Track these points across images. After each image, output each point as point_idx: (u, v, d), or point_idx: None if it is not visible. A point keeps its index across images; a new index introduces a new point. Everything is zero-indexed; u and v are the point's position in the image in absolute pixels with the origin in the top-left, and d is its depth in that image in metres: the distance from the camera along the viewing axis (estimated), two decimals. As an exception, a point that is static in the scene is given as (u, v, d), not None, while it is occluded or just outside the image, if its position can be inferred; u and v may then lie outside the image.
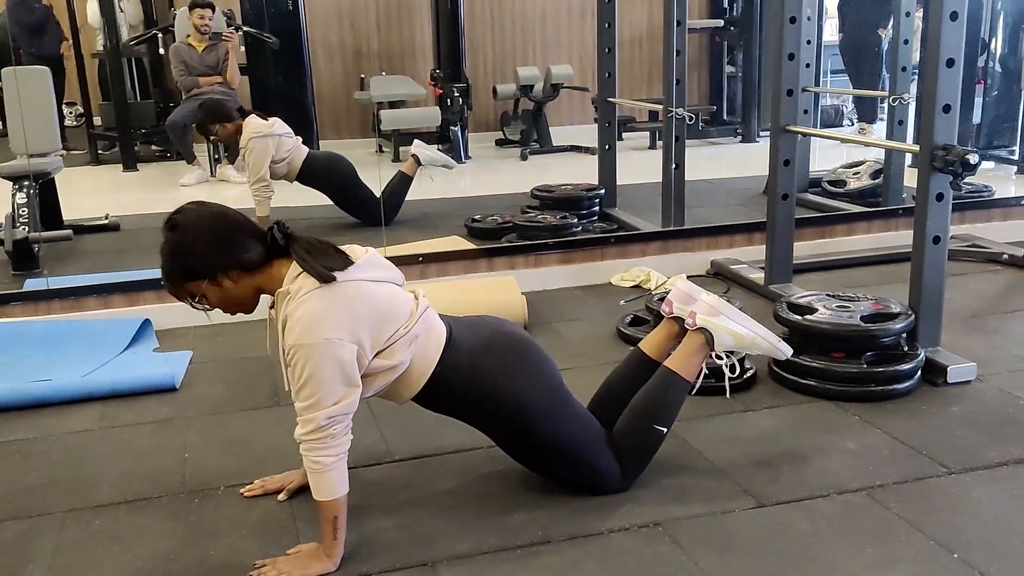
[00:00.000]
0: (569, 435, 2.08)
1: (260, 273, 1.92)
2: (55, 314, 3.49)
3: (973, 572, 1.81)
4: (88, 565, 1.95)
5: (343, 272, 1.88)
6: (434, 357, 1.99)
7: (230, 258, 1.89)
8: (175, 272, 1.92)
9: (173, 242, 1.91)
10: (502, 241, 4.22)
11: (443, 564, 1.90)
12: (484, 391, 2.03)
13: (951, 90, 2.69)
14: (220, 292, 1.92)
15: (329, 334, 1.82)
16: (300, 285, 1.86)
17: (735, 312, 2.23)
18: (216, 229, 1.91)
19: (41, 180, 4.21)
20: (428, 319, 2.01)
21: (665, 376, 2.18)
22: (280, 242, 1.93)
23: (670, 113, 4.12)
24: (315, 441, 1.84)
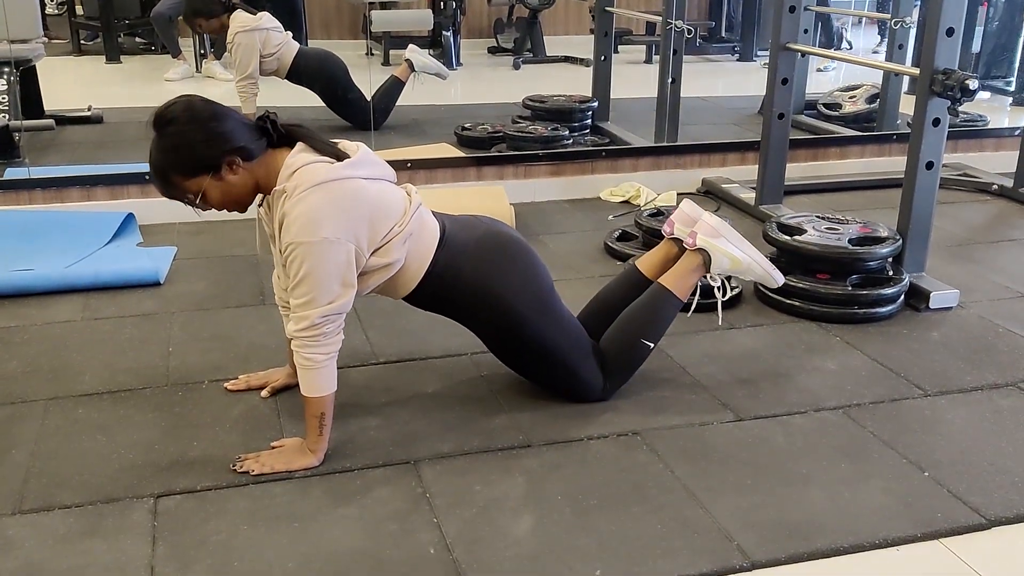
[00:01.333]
0: (556, 340, 2.09)
1: (258, 164, 1.88)
2: (37, 204, 3.44)
3: (941, 490, 1.86)
4: (71, 452, 1.96)
5: (340, 166, 1.86)
6: (428, 254, 1.99)
7: (233, 145, 1.83)
8: (177, 168, 1.83)
9: (172, 135, 1.82)
10: (492, 151, 4.17)
11: (425, 463, 1.93)
12: (475, 290, 2.03)
13: (955, 13, 2.64)
14: (222, 186, 1.86)
15: (327, 232, 1.80)
16: (297, 183, 1.83)
17: (735, 235, 2.23)
18: (214, 117, 1.84)
19: (22, 67, 4.10)
20: (421, 216, 1.99)
21: (658, 292, 2.18)
22: (279, 130, 1.89)
23: (669, 25, 4.04)
24: (308, 338, 1.84)
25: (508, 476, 1.89)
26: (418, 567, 1.62)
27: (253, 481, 1.86)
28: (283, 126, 1.91)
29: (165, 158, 1.84)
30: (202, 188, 1.85)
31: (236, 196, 1.90)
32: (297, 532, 1.71)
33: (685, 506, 1.79)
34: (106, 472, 1.89)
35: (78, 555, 1.64)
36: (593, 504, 1.79)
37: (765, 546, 1.68)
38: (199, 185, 1.85)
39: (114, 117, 4.68)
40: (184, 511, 1.76)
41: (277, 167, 1.87)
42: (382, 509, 1.77)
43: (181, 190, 1.87)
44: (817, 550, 1.67)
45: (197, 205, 1.89)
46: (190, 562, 1.62)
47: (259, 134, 1.88)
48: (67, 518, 1.74)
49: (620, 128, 4.50)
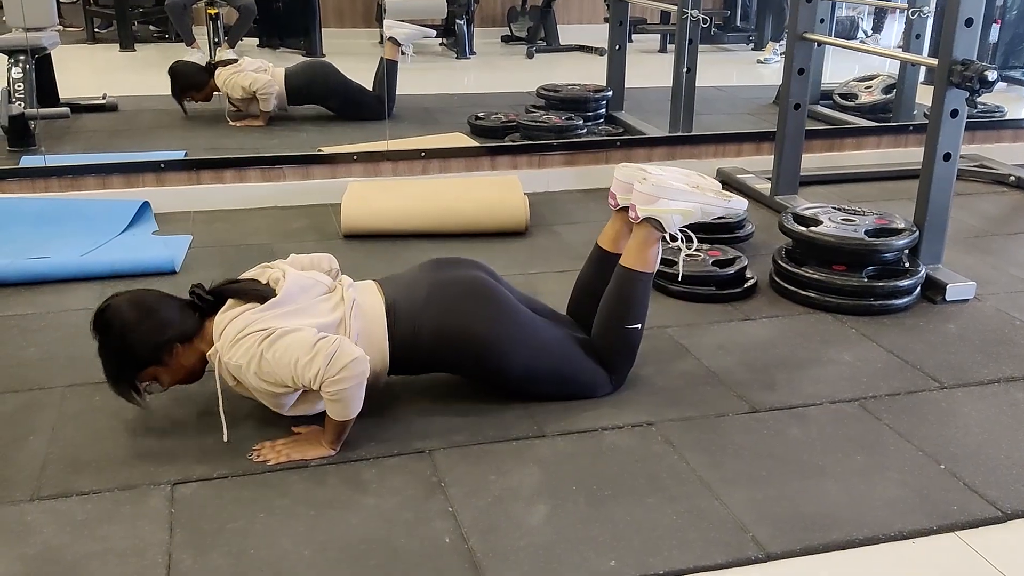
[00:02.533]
0: (543, 358, 2.09)
1: (198, 338, 1.94)
2: (53, 192, 3.46)
3: (958, 483, 1.85)
4: (88, 438, 1.98)
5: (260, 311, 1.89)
6: (383, 339, 2.00)
7: (167, 336, 1.90)
8: (124, 368, 1.92)
9: (111, 341, 1.90)
10: (505, 140, 4.16)
11: (439, 452, 1.94)
12: (445, 344, 2.03)
13: (974, 3, 2.62)
14: (170, 371, 1.94)
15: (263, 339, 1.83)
16: (224, 340, 1.87)
17: (674, 191, 2.10)
18: (146, 312, 1.91)
19: (37, 55, 4.11)
20: (360, 310, 1.99)
21: (622, 275, 2.14)
22: (206, 299, 1.95)
23: (684, 14, 4.01)
24: (331, 380, 1.82)
25: (522, 466, 1.89)
26: (433, 556, 1.62)
27: (269, 469, 1.87)
28: (210, 292, 1.96)
29: (110, 363, 1.93)
30: (152, 376, 1.94)
31: (187, 372, 1.98)
32: (313, 520, 1.71)
33: (700, 497, 1.79)
34: (123, 459, 1.90)
35: (96, 541, 1.65)
36: (607, 494, 1.80)
37: (780, 538, 1.67)
38: (150, 375, 1.93)
39: (129, 105, 4.69)
40: (201, 498, 1.77)
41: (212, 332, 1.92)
42: (397, 498, 1.78)
43: (132, 386, 1.94)
44: (832, 542, 1.67)
45: (151, 392, 1.98)
46: (207, 549, 1.63)
47: (191, 310, 1.95)
48: (85, 504, 1.75)
49: (634, 118, 4.48)
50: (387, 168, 3.77)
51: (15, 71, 3.97)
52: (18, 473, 1.85)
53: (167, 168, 3.54)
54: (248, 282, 1.99)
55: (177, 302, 1.97)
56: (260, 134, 4.39)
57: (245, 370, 1.85)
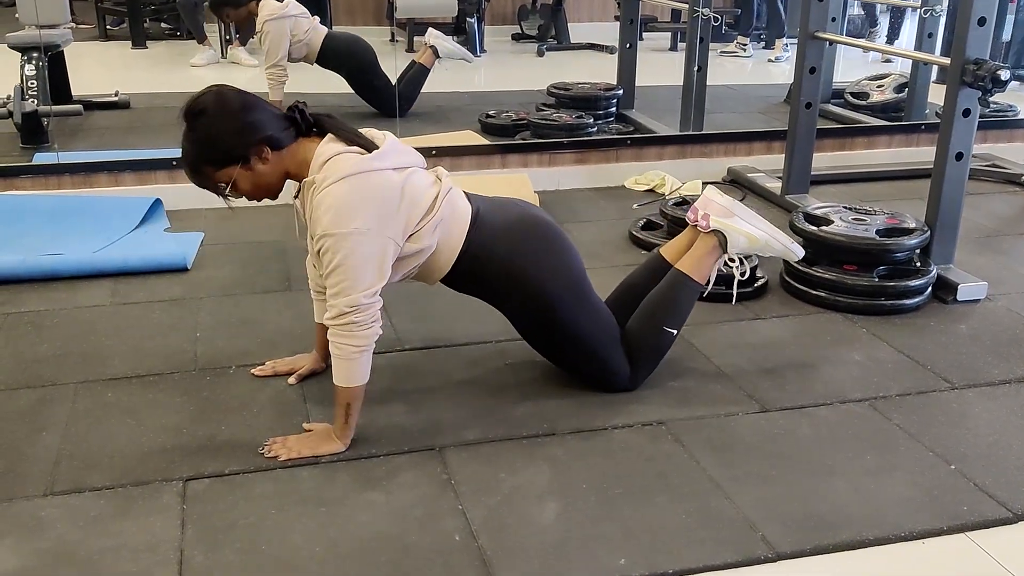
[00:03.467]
0: (586, 326, 2.10)
1: (288, 153, 1.89)
2: (65, 189, 3.48)
3: (968, 483, 1.85)
4: (101, 435, 1.99)
5: (368, 157, 1.87)
6: (459, 238, 1.99)
7: (262, 135, 1.85)
8: (207, 158, 1.86)
9: (203, 127, 1.85)
10: (516, 138, 4.17)
11: (450, 450, 1.94)
12: (508, 272, 2.03)
13: (987, 3, 2.61)
14: (252, 176, 1.88)
15: (358, 223, 1.81)
16: (326, 175, 1.84)
17: (749, 214, 2.22)
18: (244, 107, 1.86)
19: (50, 52, 4.14)
20: (452, 200, 1.99)
21: (676, 278, 2.18)
22: (308, 119, 1.91)
23: (695, 13, 4.01)
24: (340, 327, 1.85)
25: (533, 464, 1.90)
26: (443, 553, 1.63)
27: (280, 466, 1.88)
28: (312, 116, 1.92)
29: (195, 149, 1.87)
30: (232, 178, 1.87)
31: (266, 185, 1.92)
32: (324, 517, 1.72)
33: (710, 496, 1.79)
34: (136, 455, 1.91)
35: (109, 536, 1.66)
36: (618, 493, 1.80)
37: (790, 537, 1.68)
38: (229, 175, 1.87)
39: (141, 102, 4.71)
40: (213, 494, 1.78)
41: (307, 157, 1.88)
42: (407, 495, 1.79)
43: (212, 180, 1.89)
44: (842, 542, 1.67)
45: (227, 195, 1.91)
46: (218, 545, 1.64)
47: (288, 123, 1.90)
48: (98, 500, 1.76)
49: (645, 116, 4.48)
50: (398, 166, 3.77)
51: (28, 68, 3.99)
52: (32, 468, 1.86)
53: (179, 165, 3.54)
54: (350, 127, 1.94)
55: (275, 110, 1.91)
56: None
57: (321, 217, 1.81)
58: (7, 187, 3.42)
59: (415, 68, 4.73)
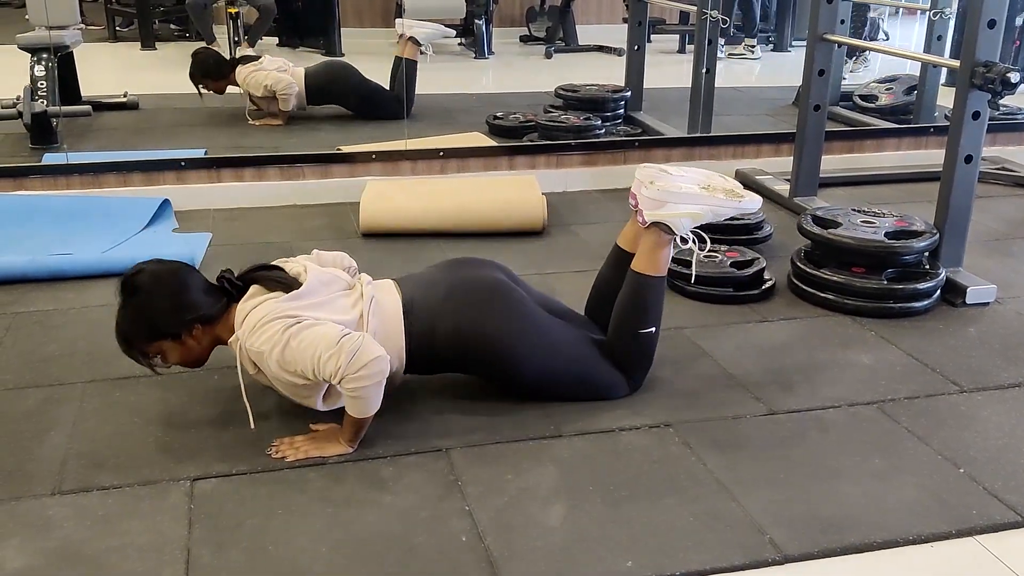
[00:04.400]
0: (559, 361, 2.09)
1: (219, 324, 1.94)
2: (74, 189, 3.49)
3: (977, 487, 1.84)
4: (108, 434, 2.00)
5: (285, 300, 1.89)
6: (400, 337, 2.00)
7: (195, 314, 1.91)
8: (139, 334, 1.92)
9: (136, 305, 1.91)
10: (524, 140, 4.17)
11: (456, 451, 1.94)
12: (461, 344, 2.03)
13: (997, 5, 2.60)
14: (181, 349, 1.94)
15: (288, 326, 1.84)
16: (244, 328, 1.88)
17: (681, 194, 2.07)
18: (179, 288, 1.92)
19: (60, 53, 4.15)
20: (379, 307, 2.00)
21: (635, 280, 2.13)
22: (236, 285, 1.96)
23: (704, 15, 4.00)
24: (351, 376, 1.82)
25: (539, 466, 1.89)
26: (450, 554, 1.63)
27: (287, 466, 1.88)
28: (240, 278, 1.97)
29: (129, 326, 1.92)
30: (161, 350, 1.94)
31: (196, 356, 1.98)
32: (330, 517, 1.72)
33: (717, 499, 1.79)
34: (143, 454, 1.92)
35: (116, 536, 1.66)
36: (624, 495, 1.79)
37: (797, 540, 1.67)
38: (159, 348, 1.93)
39: (149, 103, 4.72)
40: (220, 494, 1.79)
41: (234, 320, 1.92)
42: (414, 496, 1.79)
43: (141, 352, 1.94)
44: (850, 545, 1.66)
45: (155, 365, 1.96)
46: (225, 545, 1.64)
47: (220, 295, 1.95)
48: (105, 499, 1.77)
49: (653, 118, 4.48)
50: (406, 167, 3.78)
51: (38, 69, 4.01)
52: (40, 468, 1.87)
53: (187, 166, 3.57)
54: (275, 271, 1.99)
55: (206, 284, 1.97)
56: (279, 133, 4.41)
57: (267, 357, 1.85)
58: (17, 187, 3.43)
59: (404, 65, 4.66)
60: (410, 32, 4.65)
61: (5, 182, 3.43)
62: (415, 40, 4.64)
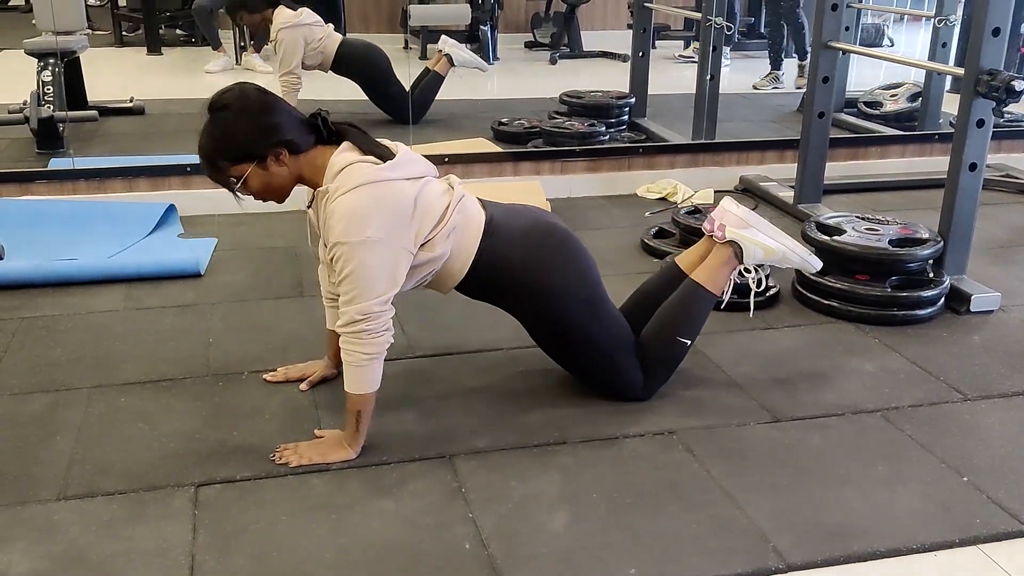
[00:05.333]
0: (600, 333, 2.10)
1: (304, 159, 1.91)
2: (80, 194, 3.50)
3: (980, 495, 1.84)
4: (113, 439, 2.00)
5: (382, 168, 1.87)
6: (473, 245, 2.00)
7: (281, 137, 1.87)
8: (223, 153, 1.88)
9: (223, 121, 1.87)
10: (528, 146, 4.17)
11: (460, 458, 1.94)
12: (522, 279, 2.04)
13: (1002, 13, 2.60)
14: (264, 176, 1.89)
15: (371, 232, 1.82)
16: (339, 184, 1.85)
17: (765, 225, 2.21)
18: (267, 107, 1.88)
19: (67, 59, 4.17)
20: (465, 207, 2.00)
21: (690, 288, 2.18)
22: (328, 127, 1.92)
23: (708, 22, 4.01)
24: (351, 335, 1.85)
25: (544, 472, 1.89)
26: (453, 561, 1.63)
27: (291, 472, 1.88)
28: (334, 124, 1.94)
29: (213, 143, 1.89)
30: (245, 174, 1.88)
31: (277, 187, 1.93)
32: (334, 523, 1.73)
33: (721, 506, 1.79)
34: (148, 460, 1.92)
35: (121, 541, 1.67)
36: (628, 502, 1.80)
37: (801, 548, 1.67)
38: (243, 171, 1.88)
39: (155, 108, 4.73)
40: (224, 500, 1.79)
41: (323, 164, 1.89)
42: (418, 502, 1.79)
43: (225, 174, 1.90)
44: (854, 553, 1.66)
45: (238, 190, 1.92)
46: (229, 550, 1.65)
47: (309, 129, 1.92)
48: (110, 504, 1.77)
49: (657, 124, 4.48)
50: (410, 173, 3.78)
51: (45, 74, 4.02)
52: (45, 472, 1.87)
53: (193, 171, 3.57)
54: (368, 136, 1.96)
55: (298, 115, 1.93)
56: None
57: (337, 221, 1.82)
58: (23, 192, 3.45)
59: (430, 75, 4.74)
60: (447, 50, 4.73)
61: (12, 187, 3.45)
62: (450, 58, 4.71)
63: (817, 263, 2.30)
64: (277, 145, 1.87)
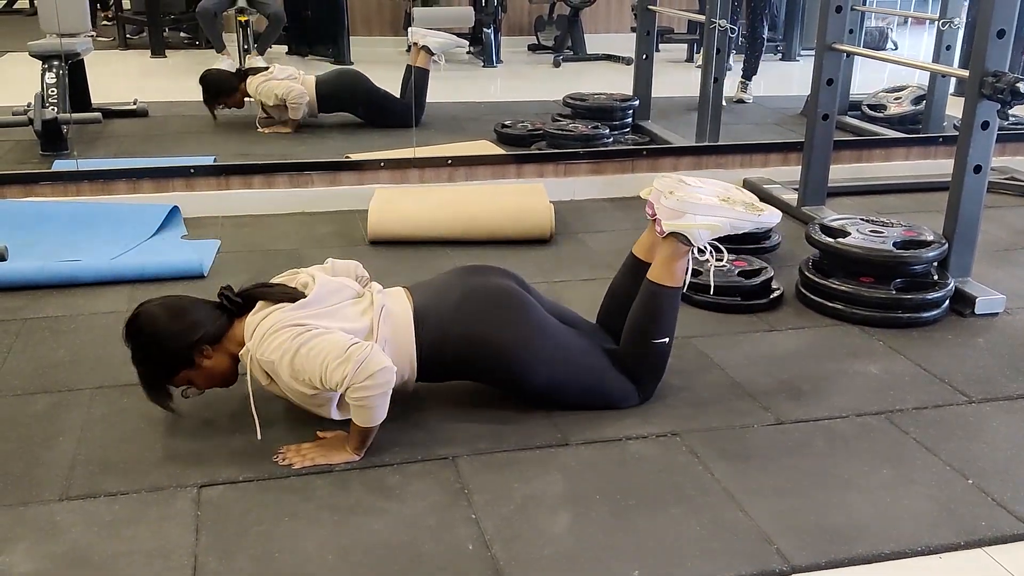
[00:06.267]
0: (569, 370, 2.08)
1: (227, 340, 1.96)
2: (84, 196, 3.51)
3: (986, 498, 1.83)
4: (115, 439, 2.00)
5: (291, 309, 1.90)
6: (410, 344, 2.00)
7: (196, 335, 1.92)
8: (157, 373, 1.95)
9: (142, 346, 1.93)
10: (532, 148, 4.17)
11: (463, 459, 1.94)
12: (471, 351, 2.03)
13: (1006, 14, 2.60)
14: (203, 373, 1.96)
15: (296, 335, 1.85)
16: (255, 339, 1.89)
17: (701, 205, 2.07)
18: (174, 315, 1.94)
19: (71, 61, 4.17)
20: (389, 315, 2.00)
21: (650, 290, 2.12)
22: (235, 301, 1.97)
23: (712, 24, 4.01)
24: (357, 385, 1.82)
25: (546, 474, 1.89)
26: (456, 562, 1.63)
27: (294, 473, 1.88)
28: (240, 295, 1.98)
29: (146, 368, 1.96)
30: (187, 380, 1.96)
31: (218, 375, 2.00)
32: (337, 525, 1.72)
33: (724, 508, 1.78)
34: (150, 461, 1.92)
35: (123, 541, 1.67)
36: (631, 504, 1.79)
37: (805, 550, 1.66)
38: (183, 380, 1.96)
39: (159, 111, 4.74)
40: (226, 501, 1.79)
41: (243, 334, 1.93)
42: (420, 504, 1.79)
43: (167, 389, 1.97)
44: (858, 555, 1.66)
45: (188, 394, 2.00)
46: (232, 552, 1.65)
47: (219, 312, 1.97)
48: (112, 505, 1.77)
49: (661, 127, 4.48)
50: (414, 175, 3.79)
51: (49, 76, 4.03)
52: (48, 473, 1.87)
53: (197, 173, 3.58)
54: (277, 286, 2.02)
55: (206, 305, 1.99)
56: (288, 141, 4.43)
57: (278, 365, 1.85)
58: (27, 193, 3.45)
59: (416, 73, 4.67)
60: (423, 41, 4.66)
61: (16, 189, 3.45)
62: (427, 49, 4.66)
63: (774, 216, 2.14)
64: (198, 344, 1.92)
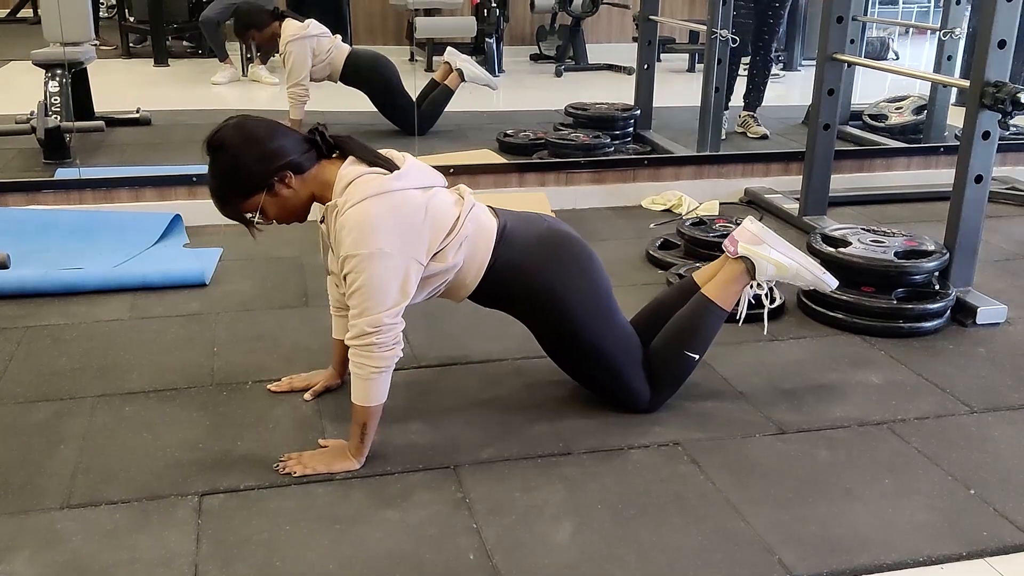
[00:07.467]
0: (609, 343, 2.09)
1: (311, 177, 1.91)
2: (86, 204, 3.51)
3: (987, 508, 1.83)
4: (118, 448, 2.00)
5: (390, 178, 1.88)
6: (486, 255, 1.99)
7: (283, 161, 1.87)
8: (233, 191, 1.89)
9: (223, 160, 1.88)
10: (533, 157, 4.18)
11: (465, 468, 1.94)
12: (534, 288, 2.03)
13: (1008, 25, 2.60)
14: (278, 202, 1.90)
15: (381, 244, 1.82)
16: (348, 197, 1.85)
17: (779, 242, 2.19)
18: (263, 136, 1.88)
19: (74, 69, 4.19)
20: (476, 217, 2.00)
21: (700, 302, 2.16)
22: (328, 141, 1.93)
23: (713, 34, 4.02)
24: (361, 348, 1.85)
25: (548, 483, 1.89)
26: (457, 572, 1.62)
27: (295, 482, 1.88)
28: (332, 137, 1.94)
29: (220, 183, 1.90)
30: (259, 205, 1.90)
31: (292, 209, 1.94)
32: (338, 534, 1.72)
33: (726, 518, 1.78)
34: (152, 469, 1.92)
35: (124, 550, 1.66)
36: (633, 514, 1.79)
37: (807, 560, 1.66)
38: (256, 203, 1.89)
39: (162, 119, 4.75)
40: (228, 510, 1.79)
41: (330, 179, 1.90)
42: (422, 513, 1.78)
43: (239, 210, 1.91)
44: (859, 566, 1.65)
45: (256, 223, 1.93)
46: (233, 560, 1.64)
47: (308, 146, 1.92)
48: (114, 513, 1.77)
49: (662, 136, 4.49)
50: (415, 184, 3.79)
51: (52, 85, 4.05)
52: (49, 481, 1.87)
53: (199, 182, 3.58)
54: (370, 148, 1.95)
55: (296, 135, 1.93)
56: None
57: (345, 238, 1.82)
58: (29, 201, 3.46)
59: (439, 89, 4.73)
60: (459, 64, 4.72)
61: (18, 197, 3.46)
62: (461, 73, 4.71)
63: (832, 282, 2.27)
64: (282, 169, 1.87)
